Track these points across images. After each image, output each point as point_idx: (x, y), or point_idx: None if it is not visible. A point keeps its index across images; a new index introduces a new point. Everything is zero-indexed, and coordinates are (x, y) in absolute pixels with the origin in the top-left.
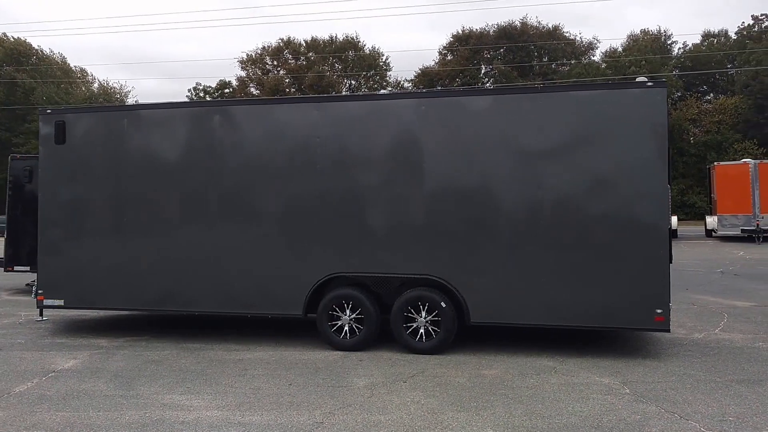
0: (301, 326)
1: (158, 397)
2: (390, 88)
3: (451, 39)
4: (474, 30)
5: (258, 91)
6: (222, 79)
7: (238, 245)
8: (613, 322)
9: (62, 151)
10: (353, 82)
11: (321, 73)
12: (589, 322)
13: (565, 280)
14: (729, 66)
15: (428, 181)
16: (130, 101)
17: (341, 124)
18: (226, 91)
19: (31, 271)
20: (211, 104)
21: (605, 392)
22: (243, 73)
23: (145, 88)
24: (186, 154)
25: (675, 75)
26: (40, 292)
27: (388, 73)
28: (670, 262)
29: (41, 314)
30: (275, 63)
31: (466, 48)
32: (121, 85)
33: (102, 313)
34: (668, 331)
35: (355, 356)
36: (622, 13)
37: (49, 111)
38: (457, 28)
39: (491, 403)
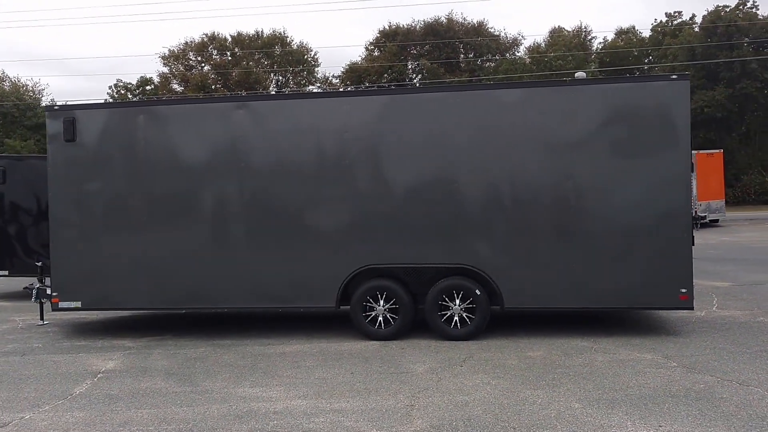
0: (324, 318)
1: (229, 391)
2: (318, 84)
3: (378, 35)
4: (401, 26)
5: (182, 88)
6: (143, 75)
7: (268, 240)
8: (641, 303)
9: (73, 149)
10: (281, 78)
11: (248, 69)
12: (619, 303)
13: (595, 265)
14: (645, 61)
15: (460, 173)
16: (45, 100)
17: (371, 119)
18: (148, 87)
19: (10, 275)
20: (236, 99)
21: (656, 366)
22: (165, 69)
23: (59, 86)
24: (211, 150)
25: (596, 70)
26: (54, 294)
27: (317, 69)
28: (692, 244)
29: (42, 318)
30: (199, 59)
31: (394, 44)
32: (35, 83)
33: (101, 314)
34: (692, 308)
35: (394, 345)
36: (530, 9)
37: (56, 107)
38: (383, 23)
39: (558, 381)
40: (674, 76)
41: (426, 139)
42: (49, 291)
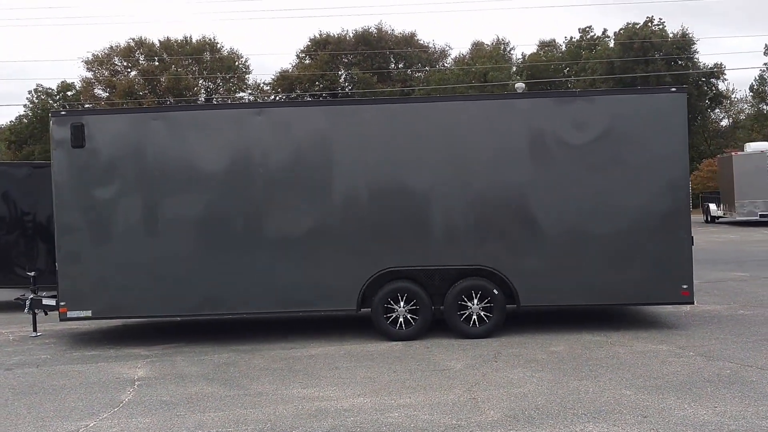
0: (331, 322)
1: (284, 393)
2: (249, 92)
3: (309, 43)
4: (332, 35)
5: (107, 94)
6: (64, 80)
7: (289, 244)
8: (646, 299)
9: (81, 155)
10: (211, 85)
11: (177, 75)
12: (626, 299)
13: (605, 264)
14: (562, 75)
15: (477, 179)
16: None
17: (390, 126)
18: (69, 93)
19: None
20: (254, 105)
21: (676, 356)
22: (89, 74)
23: None
24: (227, 156)
25: (518, 81)
26: (62, 304)
27: (247, 76)
28: (692, 244)
29: (35, 329)
30: (125, 64)
31: (325, 53)
32: None
33: (95, 324)
34: (693, 303)
35: (417, 345)
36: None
37: (63, 113)
38: (314, 31)
39: (595, 372)
40: (673, 89)
41: (445, 145)
42: (45, 301)
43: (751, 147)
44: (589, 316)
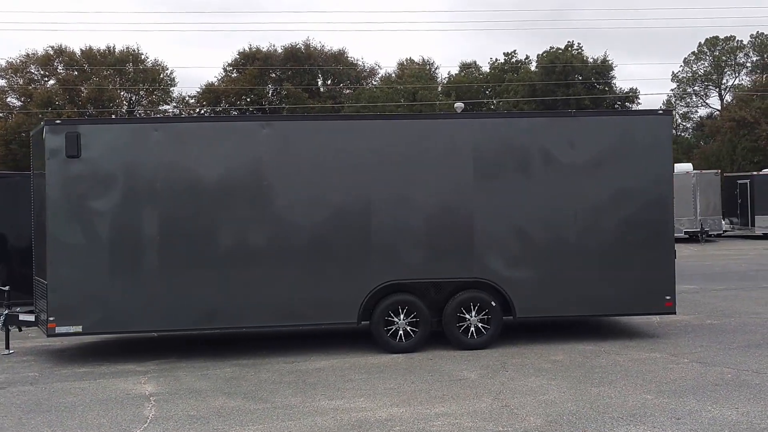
0: (322, 335)
1: (312, 405)
2: (174, 104)
3: (237, 56)
4: (261, 49)
5: (21, 102)
6: None
7: (290, 258)
8: (634, 309)
9: (77, 165)
10: (134, 96)
11: (100, 86)
12: (616, 310)
13: (596, 277)
14: (485, 96)
15: (477, 193)
16: None
17: (390, 141)
18: None
19: None
20: (259, 119)
21: (674, 363)
22: (2, 82)
23: None
24: (230, 169)
25: (449, 101)
26: (51, 319)
27: (172, 89)
28: (675, 258)
29: (8, 347)
30: (43, 73)
31: (254, 67)
32: None
33: (66, 341)
34: (675, 313)
35: (419, 357)
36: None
37: (58, 121)
38: (241, 46)
39: (607, 379)
40: (660, 111)
41: (444, 160)
42: (22, 317)
43: (677, 167)
44: (573, 327)
